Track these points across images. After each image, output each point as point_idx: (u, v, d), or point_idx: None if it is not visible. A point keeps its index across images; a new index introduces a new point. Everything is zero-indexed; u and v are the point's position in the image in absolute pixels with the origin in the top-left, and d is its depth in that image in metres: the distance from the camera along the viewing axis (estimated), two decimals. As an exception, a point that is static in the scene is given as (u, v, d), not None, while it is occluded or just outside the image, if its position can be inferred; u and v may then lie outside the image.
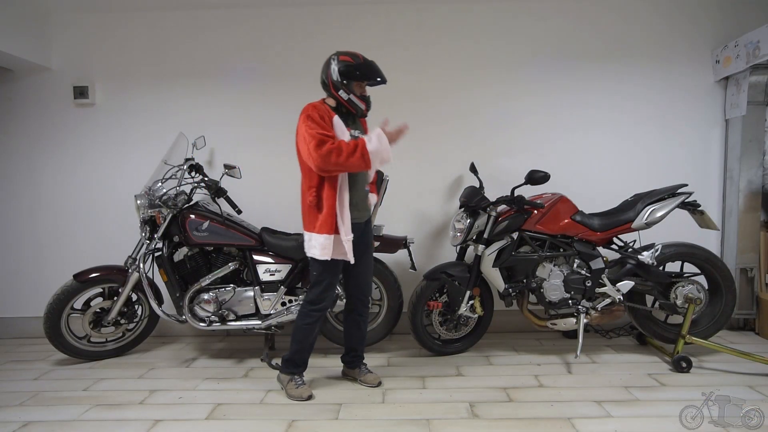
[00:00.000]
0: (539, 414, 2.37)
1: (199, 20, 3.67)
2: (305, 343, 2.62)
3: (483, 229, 3.03)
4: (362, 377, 2.76)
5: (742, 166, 3.54)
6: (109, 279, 3.14)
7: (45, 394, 2.72)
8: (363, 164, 2.35)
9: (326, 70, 2.49)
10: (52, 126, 3.72)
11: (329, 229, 2.44)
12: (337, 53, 2.50)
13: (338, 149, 2.32)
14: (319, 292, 2.55)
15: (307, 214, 2.52)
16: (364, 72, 2.48)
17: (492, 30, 3.65)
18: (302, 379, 2.65)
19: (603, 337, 3.49)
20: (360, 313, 2.74)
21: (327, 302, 2.59)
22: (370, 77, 2.51)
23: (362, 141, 2.37)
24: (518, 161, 3.64)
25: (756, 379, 2.73)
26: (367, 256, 2.70)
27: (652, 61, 3.63)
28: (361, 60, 2.50)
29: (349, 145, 2.35)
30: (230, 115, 3.68)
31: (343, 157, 2.31)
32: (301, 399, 2.56)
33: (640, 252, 3.02)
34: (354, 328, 2.76)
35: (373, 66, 2.52)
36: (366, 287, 2.72)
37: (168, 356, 3.30)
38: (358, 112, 2.55)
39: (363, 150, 2.33)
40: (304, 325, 2.58)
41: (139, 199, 3.06)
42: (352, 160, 2.32)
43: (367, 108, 2.58)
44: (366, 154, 2.33)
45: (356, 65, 2.47)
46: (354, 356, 2.80)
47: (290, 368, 2.65)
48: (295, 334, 2.61)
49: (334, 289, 2.60)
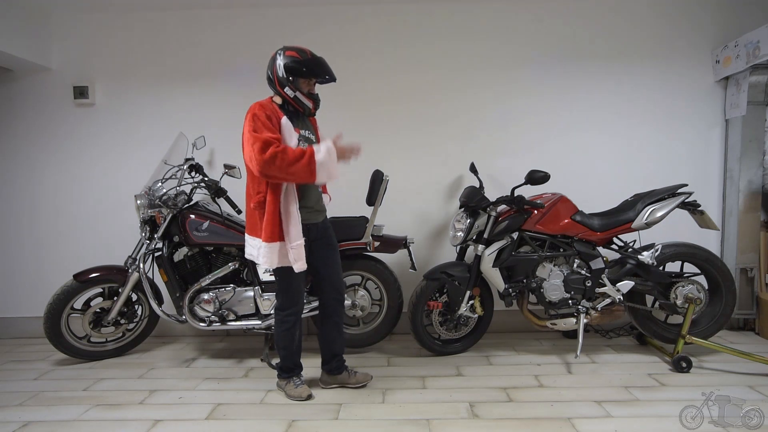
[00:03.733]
0: (539, 414, 2.37)
1: (199, 20, 3.67)
2: (290, 348, 2.57)
3: (483, 229, 3.03)
4: (353, 380, 2.69)
5: (742, 166, 3.54)
6: (109, 279, 3.14)
7: (45, 394, 2.72)
8: (308, 174, 2.22)
9: (272, 66, 2.38)
10: (52, 126, 3.72)
11: (271, 237, 2.32)
12: (284, 48, 2.39)
13: (283, 153, 2.19)
14: (286, 298, 2.50)
15: (251, 218, 2.41)
16: (311, 68, 2.36)
17: (492, 30, 3.65)
18: (300, 380, 2.63)
19: (603, 337, 3.49)
20: (338, 314, 2.66)
21: (298, 305, 2.53)
22: (317, 74, 2.38)
23: (310, 149, 2.24)
24: (518, 161, 3.64)
25: (756, 379, 2.73)
26: (333, 255, 2.63)
27: (652, 61, 3.63)
28: (309, 55, 2.38)
29: (296, 151, 2.22)
30: (230, 115, 3.68)
31: (287, 163, 2.18)
32: (301, 398, 2.55)
33: (640, 252, 3.02)
34: (335, 333, 2.67)
35: (321, 62, 2.39)
36: (340, 286, 2.65)
37: (168, 356, 3.30)
38: (306, 110, 2.44)
39: (311, 158, 2.20)
40: (282, 332, 2.54)
41: (139, 199, 3.07)
42: (297, 167, 2.19)
43: (315, 106, 2.46)
44: (313, 163, 2.20)
45: (303, 61, 2.35)
46: (339, 362, 2.69)
47: (285, 374, 2.63)
48: (278, 342, 2.57)
49: (300, 293, 2.52)
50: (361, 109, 3.67)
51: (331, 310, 2.66)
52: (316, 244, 2.54)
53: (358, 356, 3.21)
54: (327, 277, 2.61)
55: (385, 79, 3.64)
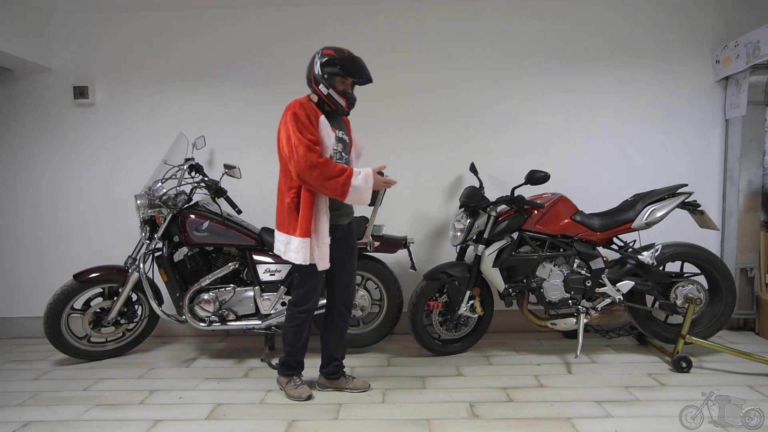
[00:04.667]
0: (539, 414, 2.37)
1: (199, 20, 3.67)
2: (297, 345, 2.57)
3: (483, 229, 3.03)
4: (350, 385, 2.66)
5: (742, 166, 3.54)
6: (109, 279, 3.13)
7: (45, 394, 2.72)
8: (340, 193, 2.27)
9: (310, 64, 2.41)
10: (52, 126, 3.72)
11: (305, 233, 2.33)
12: (323, 48, 2.41)
13: (324, 166, 2.25)
14: (302, 295, 2.49)
15: (285, 215, 2.41)
16: (346, 67, 2.35)
17: (492, 30, 3.65)
18: (301, 380, 2.62)
19: (603, 337, 3.49)
20: (343, 319, 2.64)
21: (311, 304, 2.52)
22: (352, 73, 2.37)
23: (350, 170, 2.29)
24: (518, 161, 3.64)
25: (756, 379, 2.73)
26: (351, 260, 2.62)
27: (652, 61, 3.63)
28: (345, 54, 2.38)
29: (337, 167, 2.27)
30: (230, 115, 3.68)
31: (325, 177, 2.24)
32: (301, 399, 2.54)
33: (640, 252, 3.02)
34: (335, 336, 2.65)
35: (357, 61, 2.39)
36: (350, 292, 2.64)
37: (168, 356, 3.30)
38: (339, 109, 2.43)
39: (347, 180, 2.26)
40: (291, 328, 2.53)
41: (139, 199, 3.06)
42: (332, 183, 2.25)
43: (348, 106, 2.44)
44: (348, 185, 2.26)
45: (338, 59, 2.35)
46: (337, 366, 2.67)
47: (287, 371, 2.63)
48: (285, 337, 2.57)
49: (317, 292, 2.51)
50: (360, 109, 3.62)
51: (336, 314, 2.63)
52: (338, 246, 2.51)
53: (358, 356, 3.21)
54: (340, 281, 2.60)
55: (385, 79, 3.64)
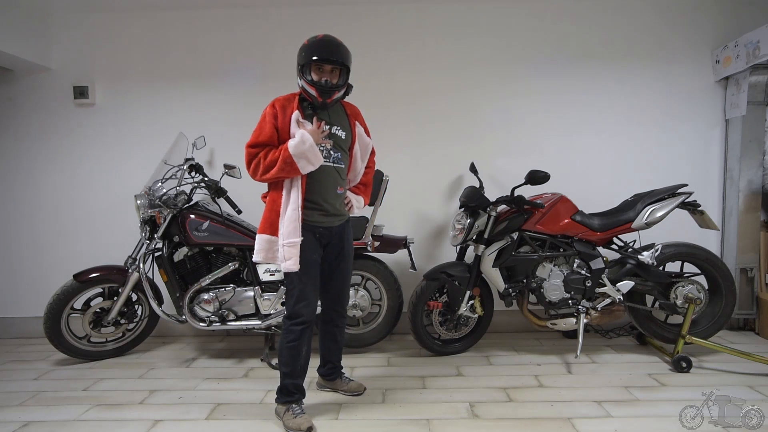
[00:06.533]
0: (539, 414, 2.37)
1: (199, 20, 3.67)
2: (294, 366, 2.31)
3: (483, 229, 3.03)
4: (345, 387, 2.62)
5: (742, 166, 3.54)
6: (109, 279, 3.14)
7: (45, 394, 2.72)
8: (288, 168, 2.15)
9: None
10: (52, 126, 3.72)
11: (265, 229, 2.24)
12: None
13: (264, 155, 2.19)
14: (292, 305, 2.29)
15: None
16: (309, 51, 2.16)
17: (492, 30, 3.65)
18: (301, 408, 2.32)
19: (603, 337, 3.49)
20: (336, 324, 2.55)
21: (305, 316, 2.28)
22: (317, 56, 2.14)
23: (285, 145, 2.16)
24: (518, 161, 3.63)
25: (756, 379, 2.73)
26: (343, 264, 2.46)
27: (652, 61, 3.63)
28: (317, 39, 2.20)
29: (275, 152, 2.18)
30: (230, 115, 3.68)
31: (265, 167, 2.17)
32: (300, 431, 2.21)
33: (640, 252, 3.02)
34: (330, 341, 2.58)
35: (322, 43, 2.17)
36: (342, 298, 2.52)
37: (168, 356, 3.30)
38: (314, 101, 2.24)
39: (285, 152, 2.13)
40: (287, 344, 2.29)
41: (139, 199, 3.07)
42: (277, 165, 2.15)
43: (321, 95, 2.20)
44: (288, 156, 2.12)
45: (306, 46, 2.19)
46: (332, 368, 2.63)
47: (284, 397, 2.34)
48: (281, 356, 2.32)
49: (309, 300, 2.29)
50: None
51: (328, 319, 2.56)
52: (327, 250, 2.39)
53: (358, 356, 3.21)
54: (331, 286, 2.47)
55: (385, 79, 3.64)
